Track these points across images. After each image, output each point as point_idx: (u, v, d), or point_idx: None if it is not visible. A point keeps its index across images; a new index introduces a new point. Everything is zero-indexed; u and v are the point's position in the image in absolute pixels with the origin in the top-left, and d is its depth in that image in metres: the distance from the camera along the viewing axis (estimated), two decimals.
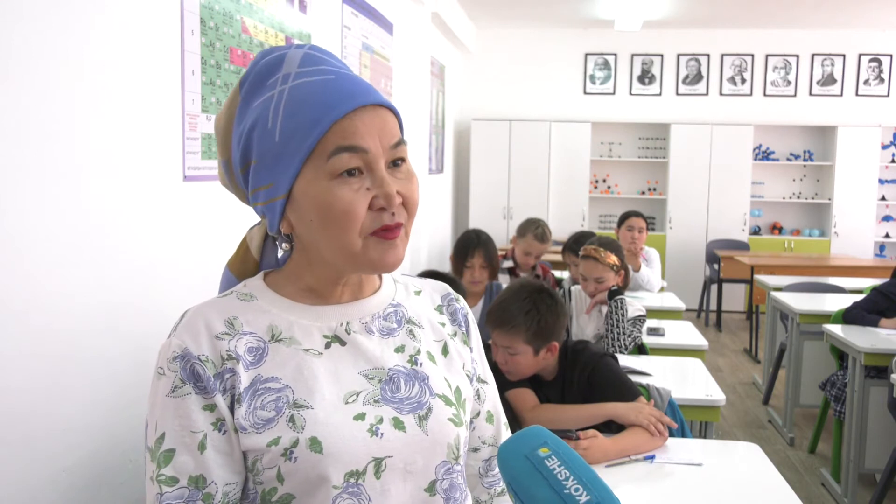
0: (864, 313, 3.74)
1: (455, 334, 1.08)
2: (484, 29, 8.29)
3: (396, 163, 0.93)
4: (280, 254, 1.03)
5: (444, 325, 1.07)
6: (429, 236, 6.23)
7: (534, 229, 4.14)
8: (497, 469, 1.12)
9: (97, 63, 1.74)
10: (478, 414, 1.10)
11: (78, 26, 1.67)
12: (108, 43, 1.78)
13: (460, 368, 1.06)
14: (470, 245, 3.35)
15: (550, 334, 2.13)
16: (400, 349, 0.99)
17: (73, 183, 1.66)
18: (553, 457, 0.84)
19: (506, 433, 1.15)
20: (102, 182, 1.76)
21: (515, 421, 2.15)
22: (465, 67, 8.44)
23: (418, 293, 1.08)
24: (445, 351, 1.05)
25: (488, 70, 8.43)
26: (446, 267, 7.23)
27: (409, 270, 5.16)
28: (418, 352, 1.01)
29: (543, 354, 2.14)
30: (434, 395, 0.98)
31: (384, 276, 1.06)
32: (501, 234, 7.79)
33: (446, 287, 1.13)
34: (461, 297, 1.13)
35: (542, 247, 4.15)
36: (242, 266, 1.04)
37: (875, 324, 3.69)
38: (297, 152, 0.89)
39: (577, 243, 3.91)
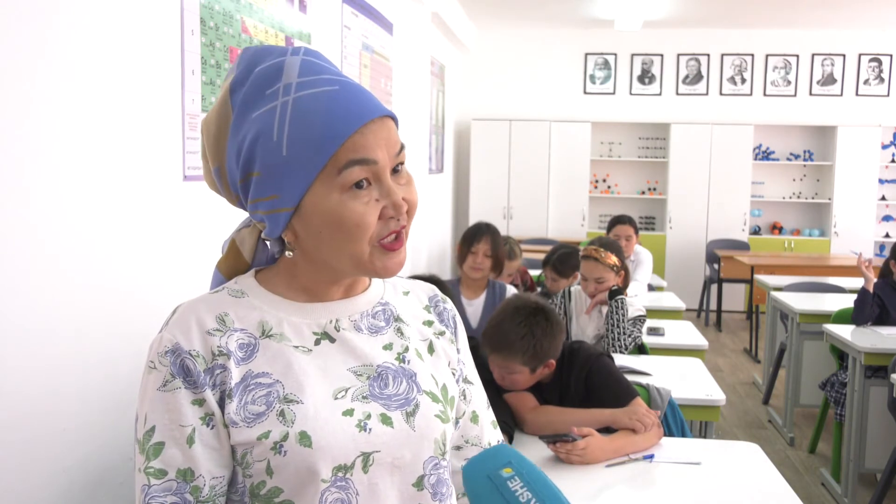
0: (861, 307, 3.74)
1: (443, 333, 1.09)
2: (484, 29, 8.29)
3: (396, 168, 0.94)
4: (269, 249, 1.04)
5: (431, 323, 1.09)
6: (429, 236, 6.23)
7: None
8: None
9: (97, 63, 1.74)
10: (463, 413, 1.12)
11: (78, 26, 1.67)
12: (109, 42, 1.78)
13: (446, 366, 1.07)
14: (478, 232, 3.42)
15: (546, 355, 2.14)
16: (388, 346, 1.01)
17: (73, 183, 1.66)
18: (516, 477, 0.84)
19: (493, 433, 1.16)
20: (102, 182, 1.76)
21: (516, 422, 2.16)
22: (465, 67, 8.44)
23: (406, 293, 1.10)
24: (432, 349, 1.06)
25: (488, 70, 8.43)
26: (446, 267, 7.25)
27: (409, 270, 5.16)
28: (406, 349, 1.02)
29: (540, 370, 2.15)
30: (421, 391, 0.99)
31: None
32: (501, 234, 7.78)
33: (434, 288, 1.14)
34: (448, 299, 1.15)
35: (511, 264, 4.17)
36: (234, 267, 1.04)
37: (871, 306, 3.69)
38: (308, 167, 0.89)
39: (561, 262, 3.84)
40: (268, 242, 1.03)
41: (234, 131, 0.93)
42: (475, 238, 3.39)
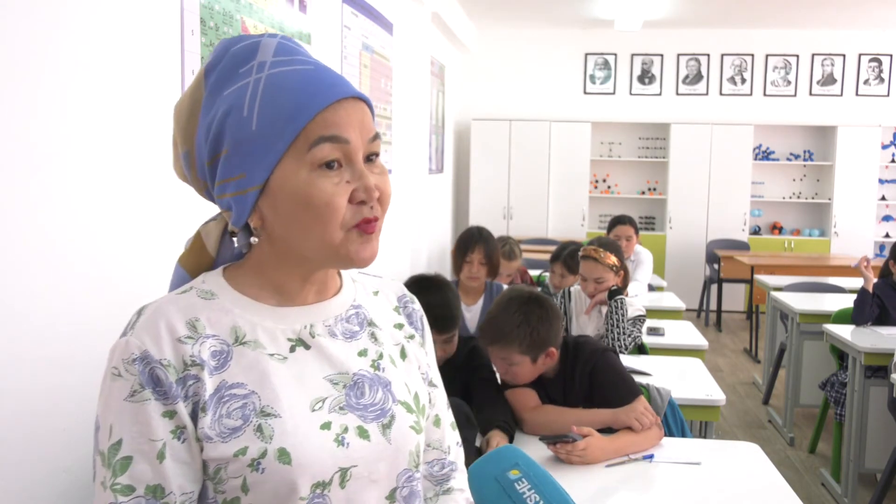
0: (861, 307, 3.75)
1: (413, 337, 1.07)
2: (484, 29, 8.29)
3: (371, 158, 0.92)
4: (235, 246, 0.99)
5: (402, 326, 1.07)
6: (429, 236, 6.22)
7: (500, 247, 4.13)
8: (445, 469, 1.12)
9: (97, 63, 1.74)
10: (427, 417, 1.09)
11: (78, 26, 1.67)
12: (109, 42, 1.78)
13: (417, 371, 1.05)
14: (471, 241, 3.39)
15: (545, 343, 2.13)
16: (363, 353, 0.98)
17: (73, 183, 1.66)
18: (524, 479, 0.84)
19: (452, 434, 1.14)
20: (102, 182, 1.76)
21: (516, 421, 2.16)
22: (465, 67, 8.44)
23: (376, 293, 1.07)
24: (404, 354, 1.04)
25: (488, 70, 8.43)
26: (446, 267, 7.25)
27: (409, 270, 5.16)
28: (381, 356, 1.00)
29: (542, 360, 2.15)
30: (396, 401, 0.97)
31: (343, 275, 1.04)
32: (501, 234, 7.77)
33: (401, 287, 1.12)
34: (415, 299, 1.12)
35: (510, 265, 4.17)
36: (197, 263, 0.99)
37: (871, 306, 3.70)
38: (278, 141, 0.86)
39: (572, 257, 3.86)
40: (234, 239, 0.99)
41: (205, 110, 0.90)
42: (468, 247, 3.37)
